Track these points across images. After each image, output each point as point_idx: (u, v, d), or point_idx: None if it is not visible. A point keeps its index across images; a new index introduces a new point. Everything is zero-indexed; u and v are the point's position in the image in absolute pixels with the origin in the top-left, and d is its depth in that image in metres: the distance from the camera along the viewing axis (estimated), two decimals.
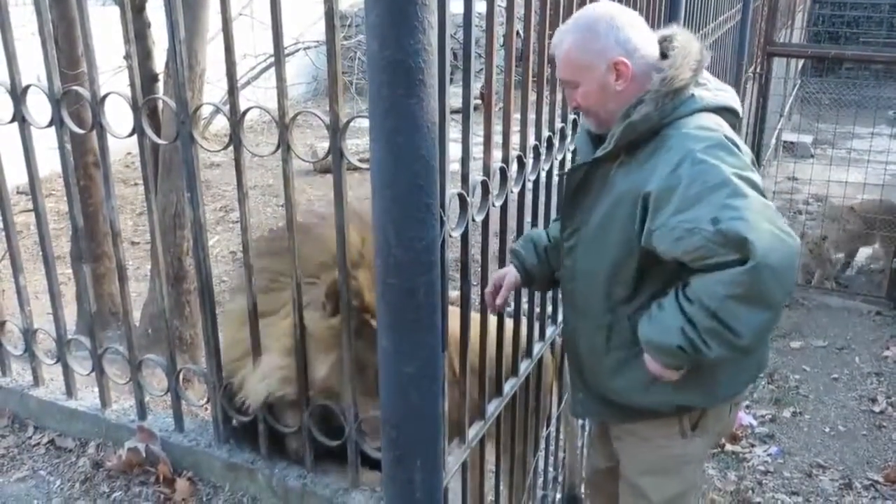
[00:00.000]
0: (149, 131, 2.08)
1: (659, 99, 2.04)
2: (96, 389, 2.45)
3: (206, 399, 2.29)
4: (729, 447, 4.68)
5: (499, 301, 2.35)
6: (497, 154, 2.14)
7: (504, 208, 2.27)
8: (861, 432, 4.87)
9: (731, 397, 2.24)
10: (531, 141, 2.35)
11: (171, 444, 2.30)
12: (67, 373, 2.47)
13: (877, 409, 5.11)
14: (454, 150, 1.86)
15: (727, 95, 2.16)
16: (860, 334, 6.13)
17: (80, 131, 2.22)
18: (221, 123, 7.01)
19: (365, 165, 1.81)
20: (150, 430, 2.29)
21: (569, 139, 2.61)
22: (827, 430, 4.90)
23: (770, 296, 1.95)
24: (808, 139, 9.78)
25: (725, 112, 2.13)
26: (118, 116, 2.11)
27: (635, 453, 2.33)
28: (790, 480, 4.38)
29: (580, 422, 3.27)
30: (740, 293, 1.93)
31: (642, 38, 2.13)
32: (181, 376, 2.32)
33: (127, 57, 2.03)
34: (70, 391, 2.49)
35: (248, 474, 2.19)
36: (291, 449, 2.20)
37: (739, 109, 2.17)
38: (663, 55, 2.14)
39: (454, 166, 1.92)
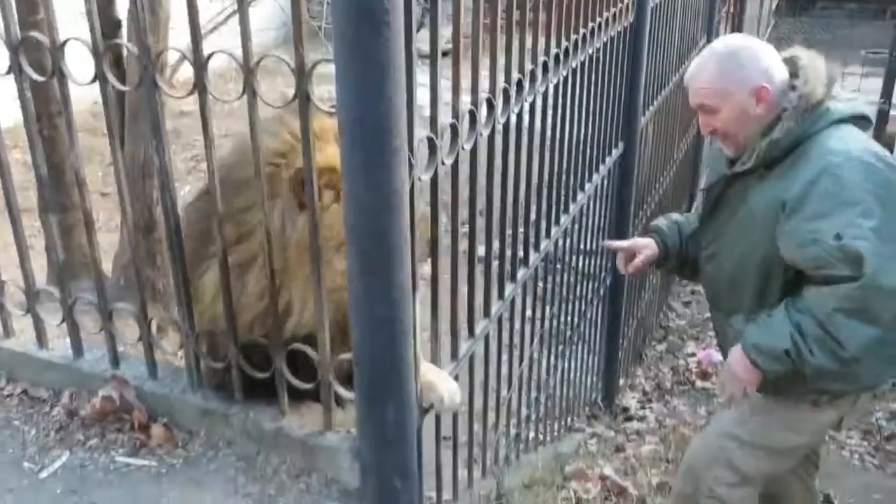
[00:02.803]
0: (111, 78, 2.05)
1: (798, 115, 2.19)
2: (68, 340, 2.45)
3: (179, 347, 2.29)
4: (699, 384, 4.80)
5: (631, 270, 2.64)
6: (467, 99, 2.13)
7: (474, 152, 2.26)
8: None
9: (873, 387, 2.37)
10: (501, 84, 2.34)
11: (146, 391, 2.31)
12: (38, 323, 2.46)
13: None
14: (423, 96, 1.85)
15: (858, 104, 2.37)
16: None
17: (41, 78, 2.18)
18: (190, 72, 6.89)
19: (333, 110, 1.80)
20: (123, 379, 2.30)
21: (538, 82, 2.60)
22: None
23: (878, 314, 2.10)
24: None
25: (859, 120, 2.28)
26: (83, 65, 2.06)
27: (760, 403, 2.44)
28: None
29: None
30: (848, 307, 2.10)
31: (776, 63, 2.29)
32: (154, 325, 2.32)
33: (87, 1, 1.98)
34: (41, 341, 2.48)
35: (223, 419, 2.21)
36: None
37: (872, 116, 2.36)
38: (793, 75, 2.29)
39: (424, 112, 1.92)
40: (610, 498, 3.28)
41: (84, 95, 2.29)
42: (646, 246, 2.62)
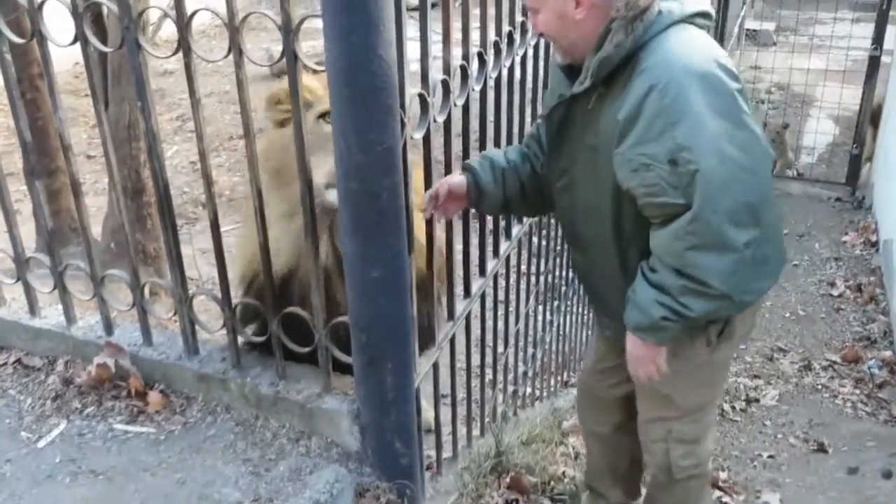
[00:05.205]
0: (92, 39, 1.99)
1: (627, 24, 1.95)
2: (60, 307, 2.42)
3: (173, 312, 2.27)
4: None
5: (437, 212, 2.19)
6: (457, 52, 2.09)
7: (466, 108, 2.22)
8: (820, 315, 5.01)
9: (755, 302, 2.20)
10: (491, 36, 2.29)
11: (141, 357, 2.29)
12: (29, 291, 2.43)
13: (835, 292, 5.25)
14: (412, 49, 1.80)
15: (696, 0, 2.05)
16: (820, 220, 6.25)
17: (20, 41, 2.12)
18: (172, 28, 6.76)
19: (321, 68, 1.75)
20: (118, 345, 2.28)
21: (529, 34, 2.55)
22: (787, 314, 5.04)
23: (727, 238, 1.93)
24: (770, 26, 9.70)
25: (697, 18, 2.04)
26: (66, 24, 2.00)
27: (667, 378, 2.25)
28: (752, 364, 4.53)
29: None
30: (697, 242, 1.93)
31: None
32: (147, 290, 2.29)
33: None
34: (33, 310, 2.45)
35: (221, 384, 2.20)
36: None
37: (711, 11, 2.09)
38: None
39: (413, 66, 1.87)
40: None
41: (65, 56, 2.23)
42: (453, 185, 2.24)
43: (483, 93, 2.31)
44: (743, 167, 1.92)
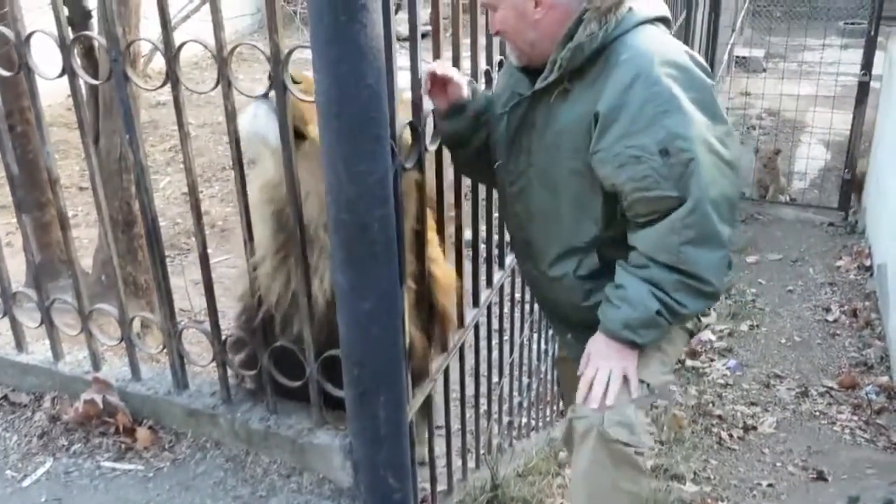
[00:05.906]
0: (80, 71, 1.97)
1: (600, 16, 1.95)
2: (48, 342, 2.38)
3: (163, 345, 2.23)
4: (689, 363, 4.78)
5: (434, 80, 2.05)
6: None
7: None
8: (816, 341, 4.99)
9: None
10: (482, 66, 2.28)
11: (129, 393, 2.25)
12: (15, 326, 2.39)
13: (830, 318, 5.24)
14: (403, 79, 1.79)
15: (659, 4, 2.07)
16: (813, 246, 6.25)
17: (7, 74, 2.10)
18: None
19: (311, 98, 1.74)
20: (105, 381, 2.24)
21: None
22: (783, 340, 5.02)
23: (719, 232, 1.92)
24: (760, 53, 9.79)
25: (660, 22, 2.05)
26: (57, 57, 1.98)
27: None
28: (748, 392, 4.49)
29: None
30: (692, 236, 1.89)
31: None
32: (136, 323, 2.26)
33: None
34: (20, 345, 2.42)
35: (210, 419, 2.16)
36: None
37: (671, 17, 2.11)
38: None
39: (404, 95, 1.86)
40: None
41: (58, 87, 2.21)
42: (459, 78, 2.12)
43: None
44: (725, 160, 1.93)
